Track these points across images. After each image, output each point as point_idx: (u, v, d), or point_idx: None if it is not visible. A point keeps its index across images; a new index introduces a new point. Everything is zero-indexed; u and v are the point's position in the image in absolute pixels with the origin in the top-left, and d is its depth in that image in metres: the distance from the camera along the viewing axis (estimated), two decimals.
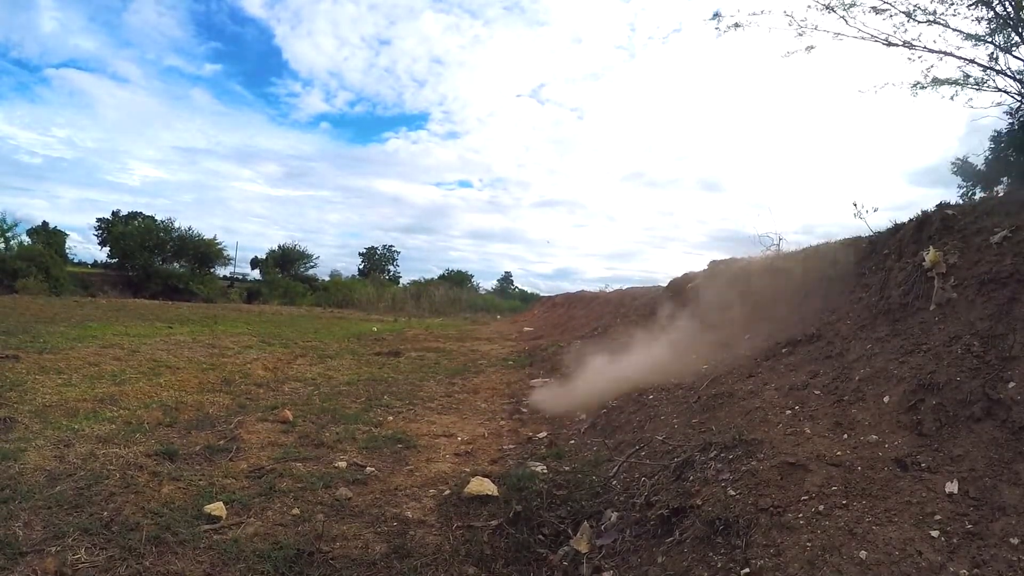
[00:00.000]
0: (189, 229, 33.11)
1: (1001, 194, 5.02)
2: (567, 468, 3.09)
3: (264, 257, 39.00)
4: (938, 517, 1.70)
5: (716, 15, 8.43)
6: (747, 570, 1.74)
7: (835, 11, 7.51)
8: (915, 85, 7.94)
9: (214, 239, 33.88)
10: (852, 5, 7.49)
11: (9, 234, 25.72)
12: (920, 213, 3.49)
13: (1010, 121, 8.67)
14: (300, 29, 63.66)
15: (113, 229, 33.52)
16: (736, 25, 8.24)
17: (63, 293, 21.16)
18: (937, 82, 7.93)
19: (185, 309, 15.65)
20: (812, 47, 8.00)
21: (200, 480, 2.89)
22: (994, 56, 7.65)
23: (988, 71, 7.72)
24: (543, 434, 4.00)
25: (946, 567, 1.52)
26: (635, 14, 65.16)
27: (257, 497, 2.73)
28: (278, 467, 3.15)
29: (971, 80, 7.82)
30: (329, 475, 3.07)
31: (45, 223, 32.15)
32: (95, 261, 35.44)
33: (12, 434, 3.30)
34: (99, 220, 34.88)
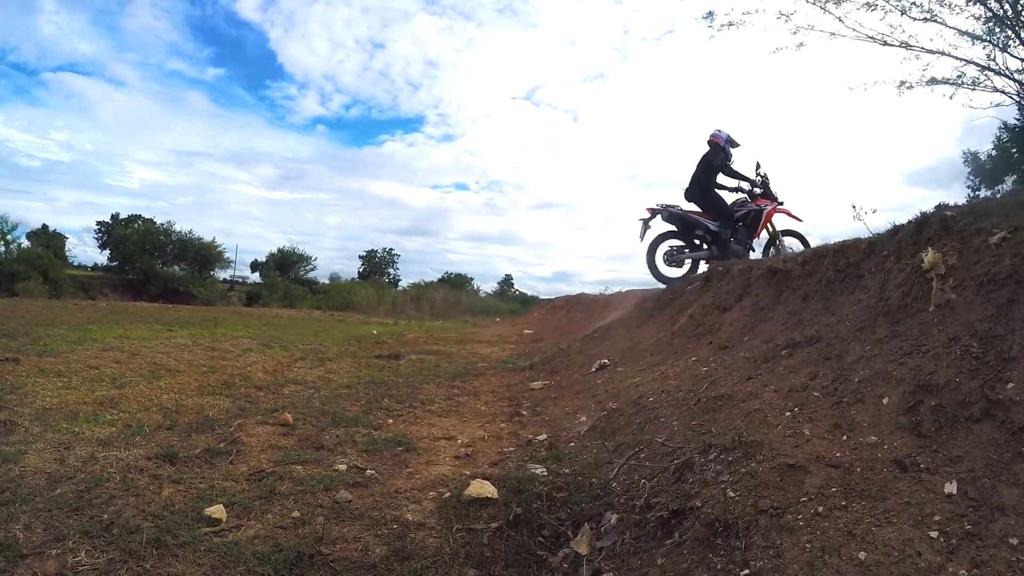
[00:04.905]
0: (189, 232, 33.12)
1: (1001, 195, 5.03)
2: (567, 470, 3.09)
3: (264, 260, 39.04)
4: (937, 518, 1.70)
5: (709, 14, 8.44)
6: (746, 571, 1.74)
7: (828, 10, 7.53)
8: (901, 84, 7.96)
9: (213, 241, 33.88)
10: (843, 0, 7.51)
11: (9, 236, 25.79)
12: (919, 214, 3.49)
13: (1016, 118, 8.69)
14: (294, 32, 64.04)
15: (113, 232, 33.55)
16: (730, 24, 8.25)
17: (63, 296, 21.18)
18: (934, 82, 7.95)
19: (185, 312, 15.65)
20: (803, 44, 8.02)
21: (200, 483, 2.89)
22: (992, 56, 7.67)
23: (985, 71, 7.74)
24: (543, 436, 3.99)
25: (945, 568, 1.52)
26: (627, 16, 65.53)
27: (257, 500, 2.73)
28: (278, 470, 3.15)
29: (966, 80, 7.84)
30: (329, 478, 3.07)
31: (45, 226, 32.21)
32: (95, 264, 35.47)
33: (12, 437, 3.30)
34: (99, 223, 34.94)
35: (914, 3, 7.50)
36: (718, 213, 7.04)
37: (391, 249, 47.26)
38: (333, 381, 6.05)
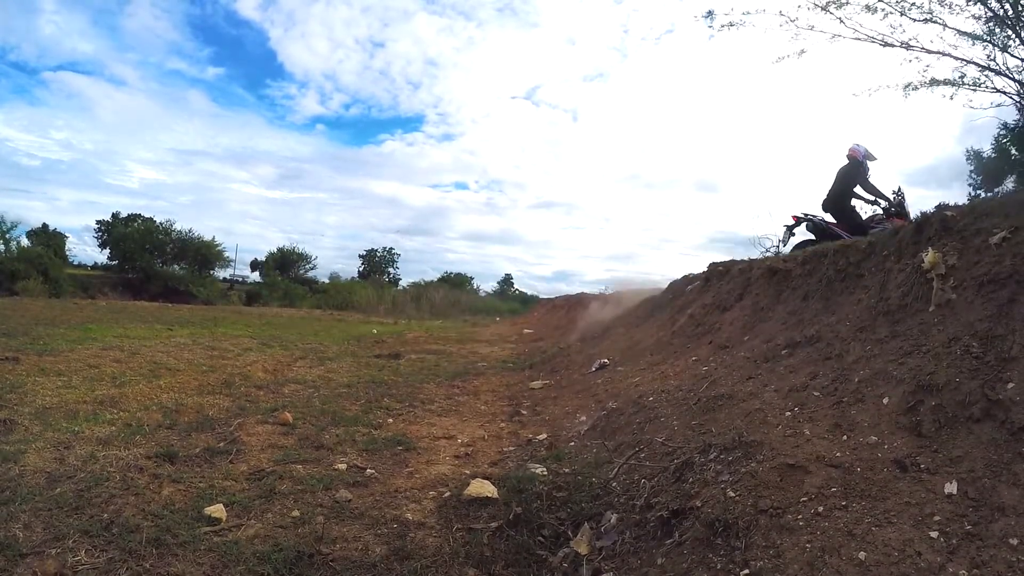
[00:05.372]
0: (189, 231, 33.10)
1: (1001, 195, 5.03)
2: (567, 470, 3.09)
3: (264, 259, 39.04)
4: (937, 518, 1.70)
5: (709, 14, 8.43)
6: (747, 571, 1.74)
7: (829, 11, 7.53)
8: (907, 87, 7.97)
9: (213, 241, 33.85)
10: (845, 3, 7.51)
11: (9, 235, 25.79)
12: (919, 214, 3.50)
13: (1017, 118, 8.70)
14: (294, 31, 64.12)
15: (113, 231, 33.52)
16: (730, 24, 8.25)
17: (63, 295, 21.18)
18: (935, 83, 7.94)
19: (185, 311, 15.64)
20: (804, 51, 8.03)
21: (200, 482, 2.89)
22: (992, 56, 7.67)
23: (986, 71, 7.74)
24: (543, 436, 4.00)
25: (945, 568, 1.52)
26: (627, 15, 65.56)
27: (257, 499, 2.73)
28: (278, 469, 3.15)
29: (966, 80, 7.83)
30: (329, 477, 3.07)
31: (45, 225, 32.20)
32: (95, 263, 35.43)
33: (12, 436, 3.30)
34: (99, 222, 34.89)
35: (914, 4, 7.50)
36: (852, 227, 7.24)
37: (391, 248, 47.22)
38: (333, 380, 6.06)
